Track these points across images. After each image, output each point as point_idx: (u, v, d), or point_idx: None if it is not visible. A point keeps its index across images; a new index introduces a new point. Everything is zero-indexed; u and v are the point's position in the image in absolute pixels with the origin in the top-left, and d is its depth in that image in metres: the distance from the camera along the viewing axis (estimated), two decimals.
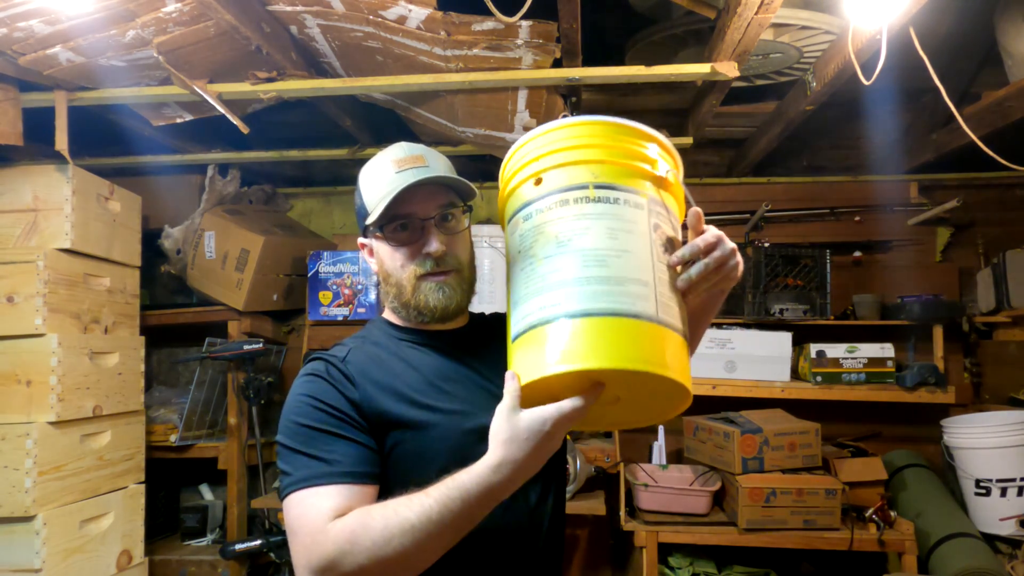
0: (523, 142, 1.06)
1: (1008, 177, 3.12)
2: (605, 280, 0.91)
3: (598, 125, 1.01)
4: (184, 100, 2.34)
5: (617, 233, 0.94)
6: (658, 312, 0.92)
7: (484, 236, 2.91)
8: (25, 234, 2.35)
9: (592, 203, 0.96)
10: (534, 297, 0.95)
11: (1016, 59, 2.22)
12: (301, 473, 1.02)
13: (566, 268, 0.93)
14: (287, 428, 1.08)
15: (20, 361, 2.25)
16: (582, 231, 0.95)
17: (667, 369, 0.90)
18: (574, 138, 1.01)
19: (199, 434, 3.09)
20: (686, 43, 2.38)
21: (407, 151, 1.18)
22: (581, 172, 0.98)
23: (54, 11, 1.80)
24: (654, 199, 1.00)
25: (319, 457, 1.03)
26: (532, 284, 0.96)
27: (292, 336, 3.41)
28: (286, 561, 2.80)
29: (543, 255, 0.96)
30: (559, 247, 0.95)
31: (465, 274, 1.19)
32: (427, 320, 1.18)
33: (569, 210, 0.97)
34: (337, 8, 1.88)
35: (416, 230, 1.16)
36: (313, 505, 0.99)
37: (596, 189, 0.97)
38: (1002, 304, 3.01)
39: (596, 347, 0.89)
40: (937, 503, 2.72)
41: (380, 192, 1.14)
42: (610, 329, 0.89)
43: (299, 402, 1.09)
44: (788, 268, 2.98)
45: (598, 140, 1.00)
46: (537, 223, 0.98)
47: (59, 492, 2.27)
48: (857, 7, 1.77)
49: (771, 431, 2.62)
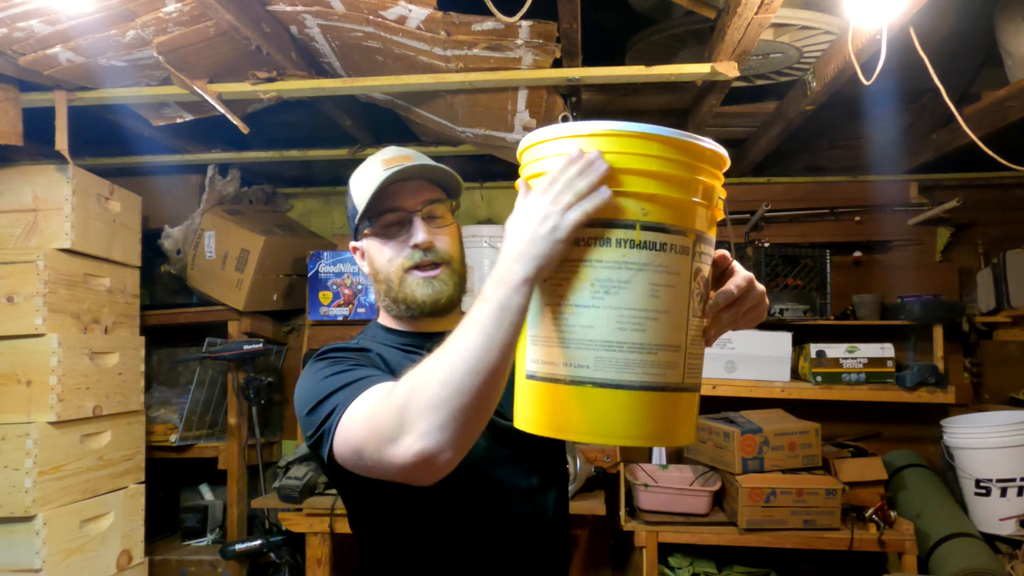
0: (565, 134, 0.90)
1: (1008, 177, 3.12)
2: (639, 347, 0.85)
3: (655, 141, 0.87)
4: (184, 100, 2.34)
5: (659, 290, 0.86)
6: (684, 378, 0.89)
7: (484, 236, 2.90)
8: (25, 234, 2.35)
9: (636, 249, 0.85)
10: (559, 347, 0.88)
11: (1016, 59, 2.22)
12: (347, 393, 0.96)
13: (599, 326, 0.85)
14: (313, 385, 1.03)
15: (20, 361, 2.25)
16: (622, 284, 0.85)
17: (678, 438, 0.91)
18: (625, 154, 0.86)
19: (199, 434, 3.09)
20: (686, 43, 2.38)
21: (395, 152, 1.20)
22: (629, 205, 0.86)
23: (54, 11, 1.80)
24: (700, 236, 0.90)
25: (362, 376, 0.98)
26: (558, 329, 0.88)
27: (292, 336, 3.41)
28: (286, 561, 2.80)
29: (574, 301, 0.87)
30: (594, 298, 0.86)
31: (455, 267, 1.19)
32: (417, 315, 1.17)
33: (610, 252, 0.85)
34: (337, 8, 1.88)
35: (403, 223, 1.17)
36: (381, 395, 0.92)
37: (643, 231, 0.85)
38: (1002, 304, 3.01)
39: (619, 422, 0.86)
40: (937, 503, 2.72)
41: (368, 189, 1.15)
42: (636, 404, 0.86)
43: (320, 364, 1.06)
44: (788, 268, 2.98)
45: (653, 165, 0.86)
46: (570, 256, 0.87)
47: (59, 492, 2.27)
48: (857, 7, 1.77)
49: (771, 431, 2.62)
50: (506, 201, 3.41)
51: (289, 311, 3.30)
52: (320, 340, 2.97)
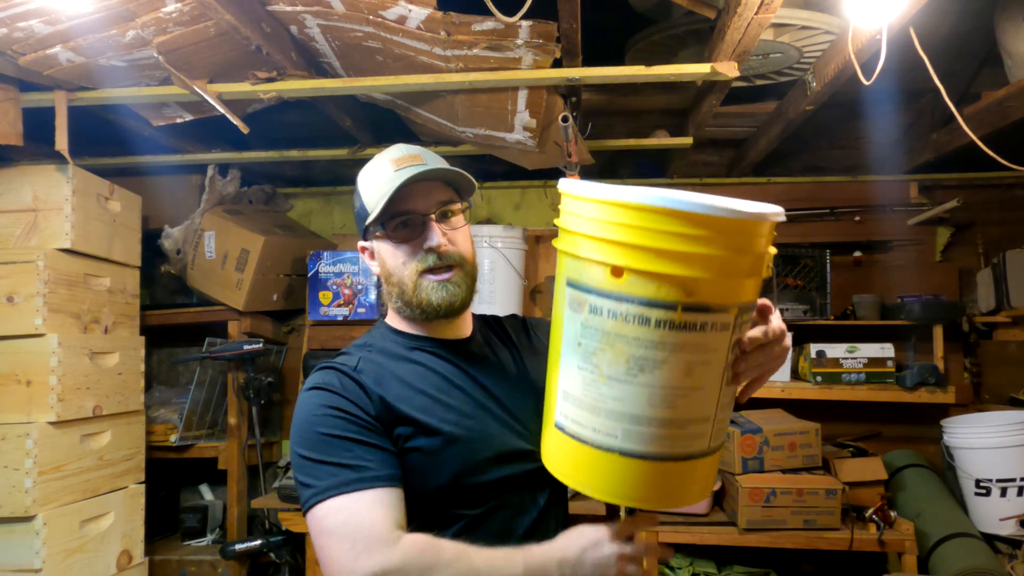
0: (608, 199, 0.83)
1: (1008, 177, 3.12)
2: (668, 423, 0.86)
3: (709, 220, 0.79)
4: (184, 100, 2.33)
5: (694, 368, 0.84)
6: (710, 443, 0.90)
7: (484, 236, 2.91)
8: (25, 234, 2.35)
9: (675, 330, 0.82)
10: (589, 412, 0.89)
11: (1016, 59, 2.22)
12: (329, 481, 1.01)
13: (630, 401, 0.85)
14: (305, 439, 1.06)
15: (20, 361, 2.25)
16: (657, 363, 0.83)
17: (700, 495, 0.94)
18: (675, 234, 0.79)
19: (199, 434, 3.09)
20: (686, 43, 2.38)
21: (405, 151, 1.18)
22: (671, 287, 0.81)
23: (54, 11, 1.80)
24: (744, 306, 0.86)
25: (346, 464, 1.02)
26: (589, 394, 0.88)
27: (292, 336, 3.41)
28: (286, 561, 2.80)
29: (608, 372, 0.86)
30: (628, 374, 0.84)
31: (468, 269, 1.18)
32: (430, 318, 1.17)
33: (648, 332, 0.82)
34: (337, 8, 1.88)
35: (416, 226, 1.15)
36: (360, 512, 0.98)
37: (685, 312, 0.81)
38: (1002, 304, 3.01)
39: (643, 488, 0.89)
40: (937, 503, 2.72)
41: (380, 191, 1.14)
42: (661, 473, 0.88)
43: (314, 412, 1.07)
44: (788, 268, 2.98)
45: (703, 246, 0.80)
46: (608, 328, 0.85)
47: (59, 492, 2.27)
48: (857, 7, 1.77)
49: (771, 431, 2.62)
50: (506, 201, 3.42)
51: (289, 311, 3.30)
52: (320, 340, 2.97)
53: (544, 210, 3.39)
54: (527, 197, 3.40)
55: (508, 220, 3.37)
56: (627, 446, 0.87)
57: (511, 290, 2.96)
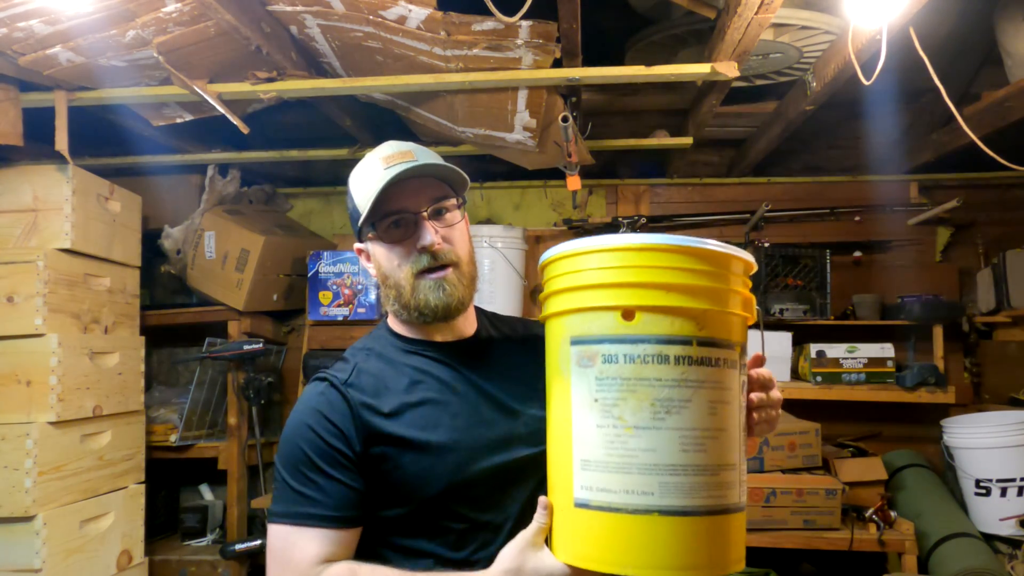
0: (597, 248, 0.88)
1: (1008, 177, 3.12)
2: (703, 469, 0.83)
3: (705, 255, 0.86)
4: (184, 100, 2.34)
5: (717, 407, 0.85)
6: (740, 497, 0.88)
7: (484, 236, 2.91)
8: (25, 234, 2.35)
9: (695, 366, 0.83)
10: (618, 473, 0.84)
11: (1016, 59, 2.22)
12: (287, 507, 1.06)
13: (662, 449, 0.82)
14: (281, 453, 1.11)
15: (20, 361, 2.25)
16: (683, 403, 0.83)
17: (740, 563, 0.89)
18: (680, 270, 0.85)
19: (199, 434, 3.09)
20: (686, 43, 2.38)
21: (395, 148, 1.14)
22: (685, 321, 0.84)
23: (54, 11, 1.80)
24: (743, 348, 0.90)
25: (305, 495, 1.05)
26: (615, 452, 0.84)
27: (292, 336, 3.41)
28: None
29: (633, 422, 0.83)
30: (655, 419, 0.83)
31: (464, 268, 1.15)
32: (428, 320, 1.14)
33: (669, 371, 0.83)
34: (337, 8, 1.88)
35: (409, 225, 1.12)
36: (296, 545, 1.03)
37: (699, 347, 0.84)
38: (1002, 304, 3.01)
39: (688, 553, 0.83)
40: (937, 503, 2.72)
41: (369, 190, 1.10)
42: (704, 531, 0.83)
43: (296, 428, 1.10)
44: (788, 268, 2.98)
45: (704, 280, 0.86)
46: (626, 374, 0.84)
47: (59, 492, 2.27)
48: (857, 7, 1.77)
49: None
50: (506, 201, 3.41)
51: (289, 311, 3.30)
52: (320, 340, 2.97)
53: (544, 210, 3.39)
54: (527, 197, 3.40)
55: (508, 220, 3.37)
56: (666, 502, 0.82)
57: (511, 290, 2.96)
